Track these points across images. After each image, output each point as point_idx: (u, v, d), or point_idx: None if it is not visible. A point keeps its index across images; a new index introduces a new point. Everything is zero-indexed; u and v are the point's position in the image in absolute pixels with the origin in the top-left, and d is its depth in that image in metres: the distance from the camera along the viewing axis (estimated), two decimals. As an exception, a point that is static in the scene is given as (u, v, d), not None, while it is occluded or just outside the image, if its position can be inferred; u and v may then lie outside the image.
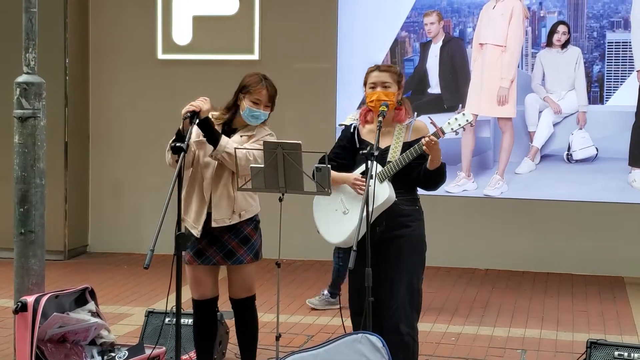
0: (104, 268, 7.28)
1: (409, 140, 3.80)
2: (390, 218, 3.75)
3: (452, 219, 7.27)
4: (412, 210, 3.82)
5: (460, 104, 7.34)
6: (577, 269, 7.13)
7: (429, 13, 7.36)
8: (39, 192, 4.38)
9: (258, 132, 4.01)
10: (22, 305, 4.18)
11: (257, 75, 4.03)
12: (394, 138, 3.81)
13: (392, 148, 3.79)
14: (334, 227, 3.81)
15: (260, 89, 3.96)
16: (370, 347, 3.35)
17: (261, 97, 3.96)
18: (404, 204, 3.78)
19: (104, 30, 7.86)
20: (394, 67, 3.92)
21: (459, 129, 3.70)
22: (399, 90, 3.85)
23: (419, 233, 3.84)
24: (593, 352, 4.20)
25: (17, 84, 4.36)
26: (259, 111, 3.96)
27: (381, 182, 3.72)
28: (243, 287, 4.06)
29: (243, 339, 4.14)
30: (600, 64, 7.14)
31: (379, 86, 3.79)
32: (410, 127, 3.84)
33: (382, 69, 3.85)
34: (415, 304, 3.81)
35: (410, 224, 3.80)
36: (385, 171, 3.73)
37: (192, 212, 3.96)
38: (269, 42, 7.58)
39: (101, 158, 7.94)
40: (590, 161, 7.16)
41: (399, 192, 3.75)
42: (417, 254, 3.82)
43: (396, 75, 3.84)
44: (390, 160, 3.75)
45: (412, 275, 3.79)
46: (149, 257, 3.26)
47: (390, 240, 3.75)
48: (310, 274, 7.02)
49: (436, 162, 3.69)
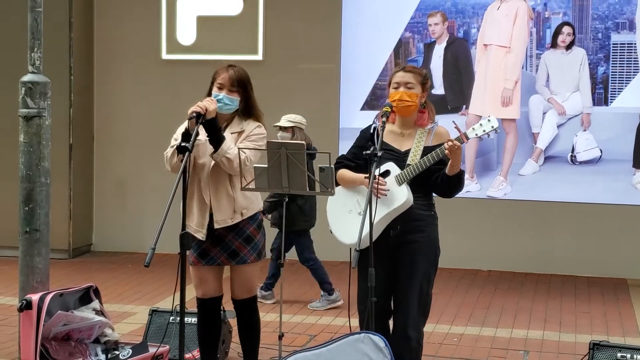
0: (108, 267, 7.30)
1: (430, 145, 3.76)
2: (405, 222, 3.73)
3: (456, 220, 7.25)
4: (427, 215, 3.80)
5: (464, 105, 7.34)
6: (580, 270, 7.13)
7: (433, 14, 7.36)
8: (44, 191, 4.40)
9: (247, 127, 3.99)
10: (27, 303, 4.19)
11: (226, 63, 4.03)
12: (415, 142, 3.78)
13: (412, 151, 3.76)
14: (349, 227, 3.76)
15: (221, 72, 3.95)
16: (372, 347, 3.35)
17: (223, 81, 3.93)
18: (420, 209, 3.75)
19: (109, 30, 7.87)
20: (420, 69, 3.88)
21: (483, 134, 3.65)
22: (423, 92, 3.80)
23: (433, 238, 3.83)
24: (596, 354, 4.20)
25: (23, 83, 4.38)
26: (221, 94, 3.91)
27: (399, 185, 3.68)
28: (245, 288, 4.07)
29: (245, 339, 4.15)
30: (605, 66, 7.13)
31: (402, 86, 3.77)
32: (432, 132, 3.81)
33: (407, 70, 3.82)
34: (424, 308, 3.82)
35: (425, 229, 3.78)
36: (404, 174, 3.69)
37: (194, 216, 3.94)
38: (272, 43, 7.59)
39: (106, 157, 7.96)
40: (594, 163, 7.15)
41: (417, 197, 3.72)
42: (430, 259, 3.82)
43: (421, 76, 3.80)
44: (410, 164, 3.72)
45: (423, 281, 3.79)
46: (150, 255, 3.27)
47: (404, 244, 3.75)
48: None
49: (456, 168, 3.65)
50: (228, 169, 3.88)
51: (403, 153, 3.77)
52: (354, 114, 7.43)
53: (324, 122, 7.39)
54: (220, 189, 3.95)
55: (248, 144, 3.94)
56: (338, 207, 3.87)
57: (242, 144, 3.92)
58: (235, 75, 3.94)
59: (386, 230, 3.73)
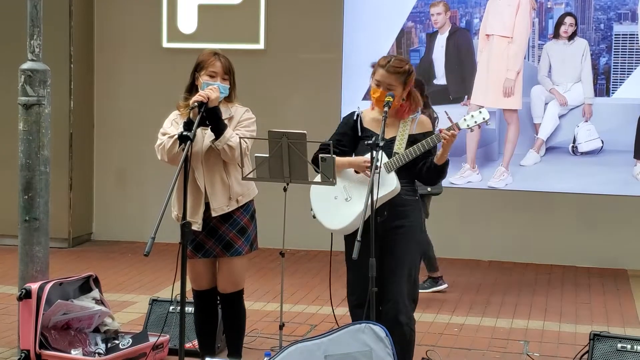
0: (108, 256, 7.30)
1: (414, 133, 3.81)
2: (392, 208, 3.77)
3: (457, 210, 7.26)
4: (412, 200, 3.85)
5: (465, 95, 7.32)
6: (580, 261, 7.13)
7: (436, 3, 7.33)
8: (43, 180, 4.38)
9: (236, 112, 3.98)
10: (26, 292, 4.19)
11: (209, 51, 4.01)
12: (400, 129, 3.82)
13: (398, 139, 3.80)
14: (335, 213, 3.80)
15: (213, 61, 3.93)
16: (373, 337, 3.35)
17: (216, 69, 3.92)
18: (406, 194, 3.80)
19: (109, 18, 7.84)
20: (403, 67, 3.79)
21: (474, 126, 3.75)
22: (404, 90, 3.81)
23: (418, 223, 3.87)
24: (596, 344, 4.20)
25: (22, 70, 4.36)
26: (216, 83, 3.89)
27: (388, 172, 3.73)
28: (231, 281, 4.03)
29: (229, 332, 4.14)
30: (607, 56, 7.11)
31: (383, 86, 3.77)
32: (415, 120, 3.86)
33: (389, 71, 3.76)
34: (413, 294, 3.84)
35: (410, 214, 3.82)
36: (393, 162, 3.74)
37: (188, 206, 3.89)
38: (274, 32, 7.56)
39: (106, 146, 7.94)
40: (596, 154, 7.14)
41: (403, 182, 3.78)
42: (417, 244, 3.85)
43: (403, 76, 3.78)
44: (397, 152, 3.76)
45: (412, 267, 3.81)
46: (150, 245, 3.26)
47: (390, 230, 3.77)
48: (313, 263, 7.03)
49: (444, 158, 3.73)
50: (229, 157, 3.87)
51: (388, 140, 3.78)
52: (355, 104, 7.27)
53: (325, 112, 7.37)
54: (215, 176, 3.93)
55: (244, 131, 3.93)
56: (323, 192, 3.88)
57: (240, 132, 3.91)
58: (227, 63, 3.96)
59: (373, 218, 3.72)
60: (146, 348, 4.34)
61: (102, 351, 4.35)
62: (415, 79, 3.93)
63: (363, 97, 7.41)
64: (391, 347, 3.33)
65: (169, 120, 4.01)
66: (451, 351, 4.78)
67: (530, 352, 4.80)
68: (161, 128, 4.00)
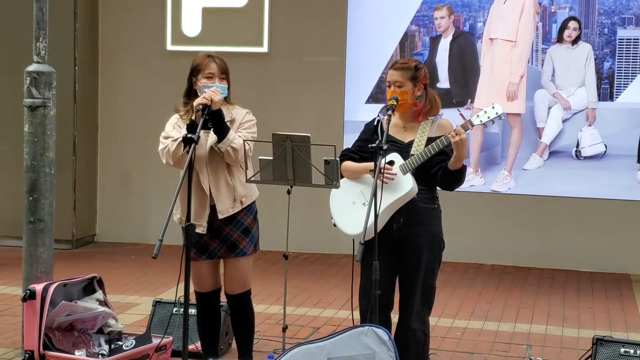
0: (111, 258, 7.31)
1: (433, 136, 3.77)
2: (409, 215, 3.74)
3: (459, 214, 7.25)
4: (430, 209, 3.81)
5: (469, 98, 7.33)
6: (583, 265, 7.13)
7: (439, 7, 7.34)
8: (48, 181, 4.40)
9: (237, 115, 3.99)
10: (31, 293, 4.20)
11: (203, 54, 4.02)
12: (419, 133, 3.80)
13: (416, 142, 3.78)
14: (353, 218, 3.76)
15: (209, 63, 3.94)
16: (376, 340, 3.35)
17: (212, 71, 3.93)
18: (423, 202, 3.77)
19: (114, 20, 7.87)
20: (408, 64, 3.82)
21: (488, 121, 3.68)
22: (414, 87, 3.79)
23: (437, 232, 3.84)
24: (599, 349, 4.19)
25: (28, 73, 4.38)
26: (215, 84, 3.91)
27: (404, 174, 3.70)
28: (238, 282, 4.04)
29: (239, 332, 4.15)
30: (610, 61, 7.11)
31: (392, 85, 3.78)
32: (435, 123, 3.83)
33: (395, 67, 3.80)
34: (429, 300, 3.85)
35: (428, 223, 3.79)
36: (408, 163, 3.71)
37: (193, 209, 3.89)
38: (278, 35, 7.58)
39: (110, 148, 7.96)
40: (599, 158, 7.14)
41: (420, 189, 3.74)
42: (434, 253, 3.83)
43: (410, 71, 3.78)
44: (414, 154, 3.73)
45: (427, 275, 3.81)
46: (158, 247, 3.27)
47: (408, 238, 3.75)
48: (316, 266, 7.03)
49: (459, 163, 3.66)
50: (233, 159, 3.88)
51: (406, 144, 3.78)
52: (359, 107, 7.42)
53: (328, 115, 7.39)
54: (220, 179, 3.94)
55: (245, 133, 3.94)
56: (341, 198, 3.88)
57: (241, 133, 3.93)
58: (222, 64, 3.97)
59: (389, 224, 3.73)
60: (149, 349, 4.35)
61: (105, 352, 4.36)
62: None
63: (366, 100, 7.43)
64: (394, 350, 3.33)
65: (171, 123, 4.02)
66: (453, 355, 4.78)
67: (532, 356, 4.80)
68: (163, 132, 4.01)
